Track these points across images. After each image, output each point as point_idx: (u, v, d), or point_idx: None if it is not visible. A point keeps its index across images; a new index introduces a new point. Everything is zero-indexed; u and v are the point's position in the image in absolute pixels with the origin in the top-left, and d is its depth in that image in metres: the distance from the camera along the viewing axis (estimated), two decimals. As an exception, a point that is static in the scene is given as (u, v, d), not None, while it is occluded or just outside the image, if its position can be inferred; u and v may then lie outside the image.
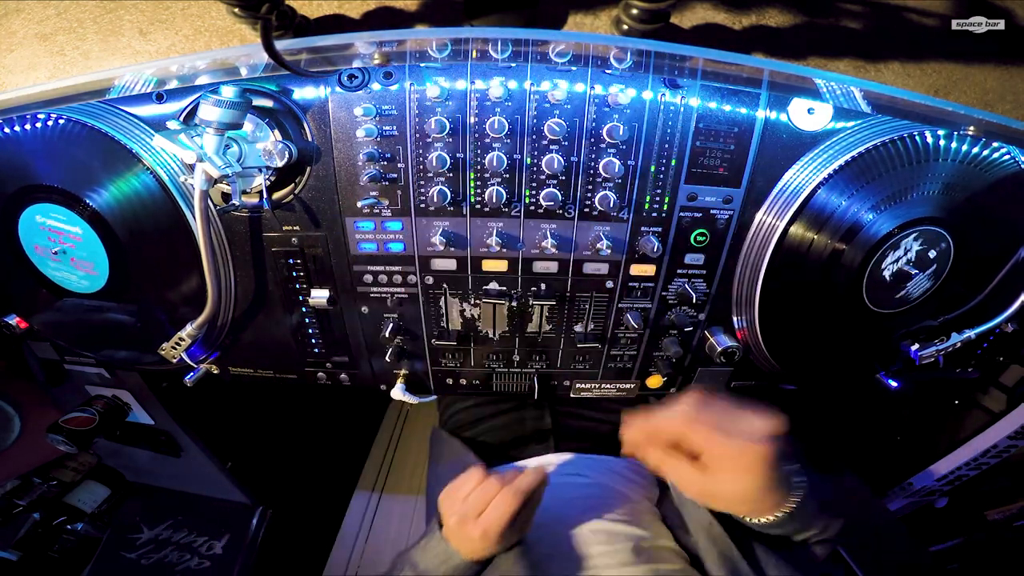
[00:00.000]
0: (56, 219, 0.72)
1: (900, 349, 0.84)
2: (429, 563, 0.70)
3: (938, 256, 0.74)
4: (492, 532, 0.64)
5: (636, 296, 0.81)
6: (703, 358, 0.89)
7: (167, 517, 1.49)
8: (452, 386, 0.93)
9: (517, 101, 0.66)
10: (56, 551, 1.41)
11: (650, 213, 0.73)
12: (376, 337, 0.85)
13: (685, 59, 0.66)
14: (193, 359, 0.83)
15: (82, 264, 0.75)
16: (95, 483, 1.48)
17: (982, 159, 0.69)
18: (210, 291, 0.71)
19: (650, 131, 0.67)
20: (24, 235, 0.75)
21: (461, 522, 0.66)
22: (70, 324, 0.86)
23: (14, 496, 1.33)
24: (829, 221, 0.70)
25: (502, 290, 0.79)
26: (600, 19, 0.91)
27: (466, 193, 0.71)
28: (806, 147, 0.69)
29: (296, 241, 0.75)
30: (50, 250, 0.75)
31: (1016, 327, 0.90)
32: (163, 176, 0.69)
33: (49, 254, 0.75)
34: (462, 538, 0.67)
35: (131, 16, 0.90)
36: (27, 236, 0.75)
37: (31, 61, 0.90)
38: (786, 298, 0.77)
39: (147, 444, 1.33)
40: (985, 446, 1.05)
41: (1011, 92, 0.96)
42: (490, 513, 0.65)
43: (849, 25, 0.93)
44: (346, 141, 0.68)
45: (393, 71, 0.65)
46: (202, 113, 0.57)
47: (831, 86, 0.68)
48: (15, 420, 1.13)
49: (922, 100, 0.67)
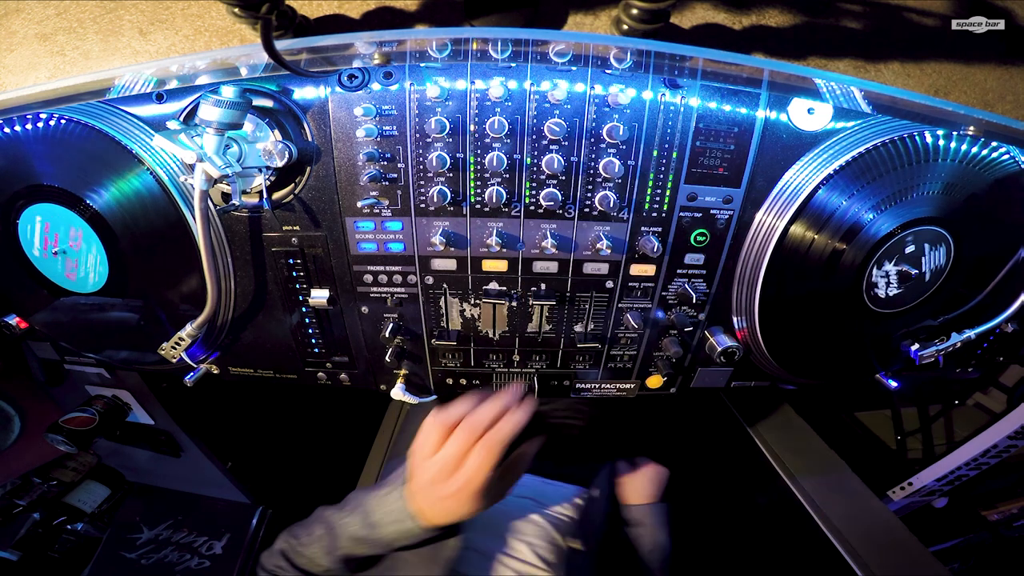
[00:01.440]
0: (56, 219, 0.72)
1: (900, 349, 0.84)
2: (382, 517, 0.66)
3: (938, 256, 0.74)
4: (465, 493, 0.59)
5: (636, 296, 0.81)
6: (703, 358, 0.89)
7: (167, 517, 1.49)
8: (452, 386, 0.93)
9: (517, 101, 0.66)
10: (56, 551, 1.41)
11: (650, 213, 0.73)
12: (376, 337, 0.85)
13: (685, 59, 0.66)
14: (193, 359, 0.83)
15: (82, 264, 0.75)
16: (95, 483, 1.48)
17: (982, 159, 0.69)
18: (210, 291, 0.71)
19: (650, 131, 0.67)
20: (24, 235, 0.75)
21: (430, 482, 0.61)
22: (70, 324, 0.86)
23: (14, 496, 1.33)
24: (829, 221, 0.70)
25: (502, 290, 0.79)
26: (600, 19, 0.91)
27: (466, 193, 0.71)
28: (806, 147, 0.69)
29: (296, 241, 0.75)
30: (50, 250, 0.75)
31: (1016, 327, 0.90)
32: (163, 176, 0.69)
33: (49, 254, 0.75)
34: (430, 498, 0.62)
35: (131, 16, 0.90)
36: (27, 236, 0.75)
37: (31, 61, 0.90)
38: (786, 298, 0.76)
39: (147, 444, 1.33)
40: (985, 446, 1.05)
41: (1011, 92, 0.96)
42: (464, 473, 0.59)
43: (849, 25, 0.93)
44: (346, 141, 0.68)
45: (393, 71, 0.65)
46: (202, 113, 0.57)
47: (831, 86, 0.68)
48: (15, 420, 1.13)
49: (922, 100, 0.67)
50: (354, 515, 0.69)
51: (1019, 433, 1.01)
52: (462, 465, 0.60)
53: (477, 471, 0.59)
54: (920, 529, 0.97)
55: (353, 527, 0.68)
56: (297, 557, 0.73)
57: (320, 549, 0.70)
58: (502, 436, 0.60)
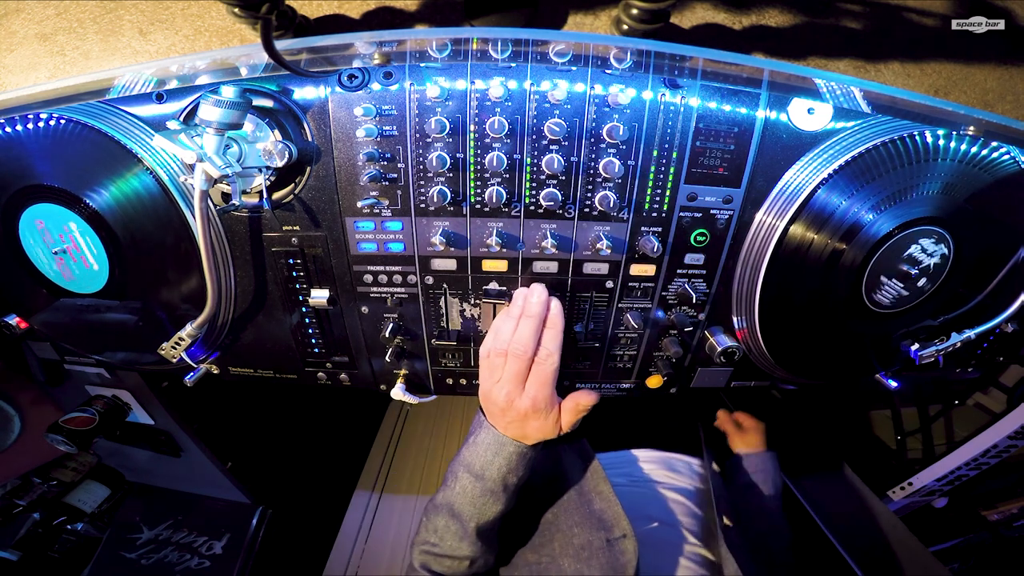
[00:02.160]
0: (56, 219, 0.72)
1: (900, 349, 0.84)
2: (482, 457, 0.67)
3: (938, 256, 0.74)
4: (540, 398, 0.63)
5: (636, 296, 0.81)
6: (703, 358, 0.89)
7: (167, 517, 1.49)
8: (452, 386, 0.93)
9: (517, 101, 0.66)
10: (56, 551, 1.41)
11: (650, 213, 0.73)
12: (376, 337, 0.85)
13: (685, 59, 0.66)
14: (193, 359, 0.83)
15: (82, 264, 0.75)
16: (95, 483, 1.48)
17: (982, 159, 0.69)
18: (210, 291, 0.71)
19: (650, 131, 0.67)
20: (24, 235, 0.75)
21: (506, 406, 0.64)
22: (70, 324, 0.86)
23: (14, 496, 1.33)
24: (829, 221, 0.70)
25: (502, 290, 0.79)
26: (600, 19, 0.91)
27: (466, 193, 0.71)
28: (806, 147, 0.69)
29: (296, 241, 0.75)
30: (50, 250, 0.75)
31: (1016, 327, 0.90)
32: (163, 176, 0.69)
33: (49, 254, 0.75)
34: (512, 421, 0.65)
35: (131, 16, 0.90)
36: (27, 236, 0.75)
37: (31, 61, 0.90)
38: (786, 298, 0.76)
39: (147, 444, 1.33)
40: (985, 446, 1.05)
41: (1011, 92, 0.96)
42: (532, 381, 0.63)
43: (849, 25, 0.93)
44: (346, 141, 0.68)
45: (393, 71, 0.65)
46: (202, 113, 0.57)
47: (831, 86, 0.68)
48: (15, 420, 1.13)
49: (922, 100, 0.67)
50: (459, 479, 0.69)
51: (1019, 433, 1.01)
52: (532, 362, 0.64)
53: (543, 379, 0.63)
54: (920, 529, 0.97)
55: (466, 489, 0.68)
56: (437, 563, 0.71)
57: (453, 536, 0.68)
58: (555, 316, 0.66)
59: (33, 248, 0.76)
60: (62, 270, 0.77)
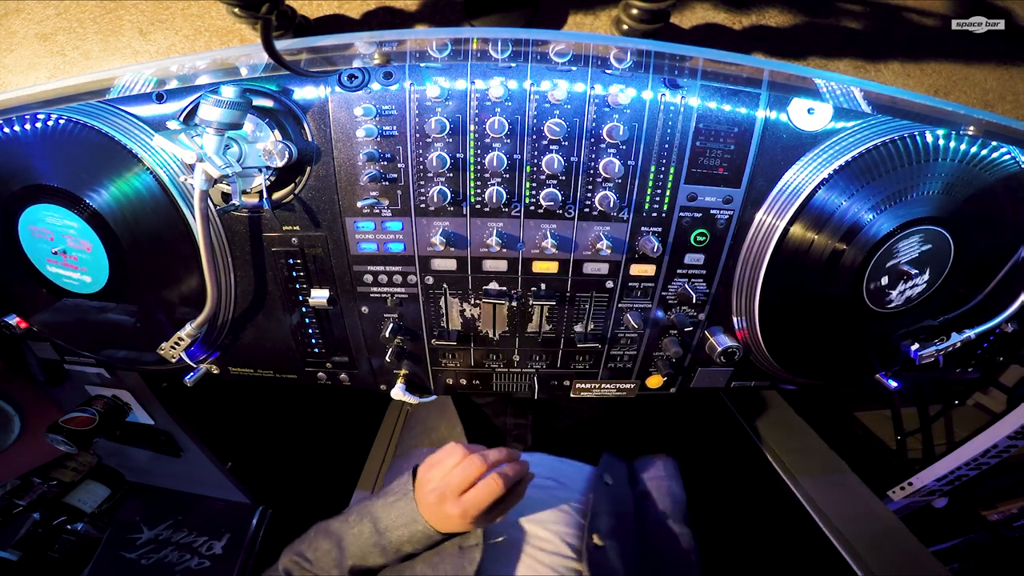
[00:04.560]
0: (56, 219, 0.72)
1: (900, 349, 0.84)
2: (392, 521, 0.69)
3: (938, 256, 0.74)
4: (471, 513, 0.64)
5: (636, 296, 0.81)
6: (703, 358, 0.89)
7: (167, 517, 1.48)
8: (452, 386, 0.93)
9: (517, 101, 0.66)
10: (56, 551, 1.41)
11: (650, 213, 0.73)
12: (376, 337, 0.85)
13: (685, 59, 0.66)
14: (193, 359, 0.83)
15: (82, 264, 0.75)
16: (95, 483, 1.48)
17: (982, 159, 0.69)
18: (210, 291, 0.71)
19: (650, 131, 0.67)
20: (24, 235, 0.75)
21: (440, 498, 0.65)
22: (70, 324, 0.86)
23: (14, 496, 1.33)
24: (829, 221, 0.70)
25: (502, 290, 0.79)
26: (600, 19, 0.91)
27: (466, 193, 0.71)
28: (806, 147, 0.69)
29: (296, 241, 0.75)
30: (50, 250, 0.75)
31: (1016, 327, 0.90)
32: (163, 176, 0.69)
33: (49, 254, 0.75)
34: (436, 511, 0.66)
35: (131, 16, 0.90)
36: (27, 236, 0.75)
37: (31, 61, 0.90)
38: (786, 298, 0.76)
39: (147, 444, 1.33)
40: (985, 446, 1.05)
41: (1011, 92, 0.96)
42: (474, 494, 0.64)
43: (849, 25, 0.93)
44: (346, 141, 0.68)
45: (393, 71, 0.65)
46: (202, 113, 0.57)
47: (831, 86, 0.68)
48: (15, 420, 1.13)
49: (922, 100, 0.67)
50: (362, 523, 0.70)
51: (1019, 433, 1.01)
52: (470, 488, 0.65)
53: (483, 496, 0.64)
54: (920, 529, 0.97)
55: (363, 535, 0.69)
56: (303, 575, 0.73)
57: (329, 564, 0.71)
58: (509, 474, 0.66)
59: (33, 248, 0.76)
60: (62, 270, 0.77)
